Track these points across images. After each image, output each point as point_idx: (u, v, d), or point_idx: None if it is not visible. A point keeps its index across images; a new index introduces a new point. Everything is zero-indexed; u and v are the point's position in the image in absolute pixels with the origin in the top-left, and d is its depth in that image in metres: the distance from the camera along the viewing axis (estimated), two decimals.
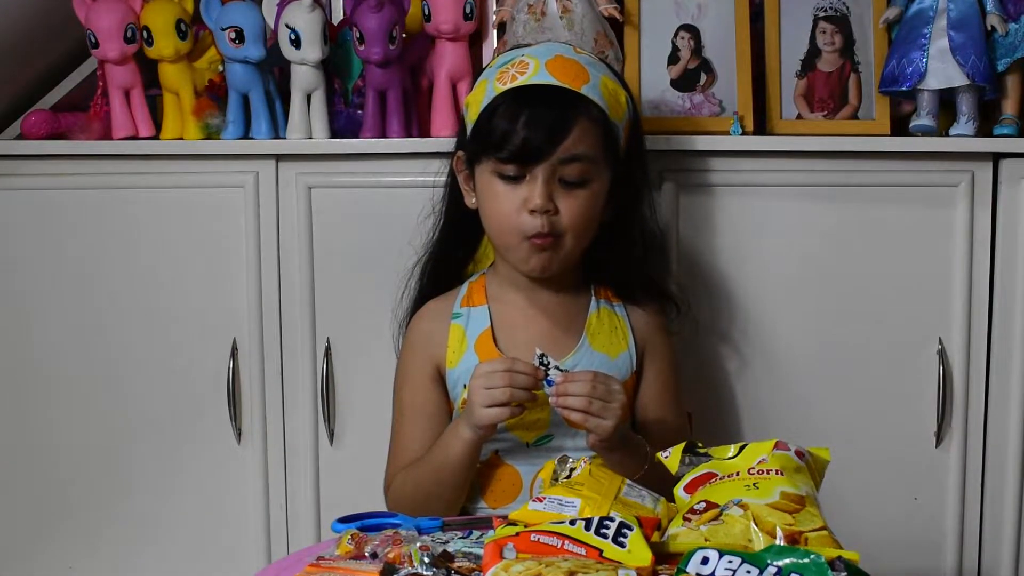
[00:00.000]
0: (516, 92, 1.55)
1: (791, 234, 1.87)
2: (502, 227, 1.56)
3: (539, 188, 1.52)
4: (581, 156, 1.53)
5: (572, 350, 1.61)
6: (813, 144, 1.85)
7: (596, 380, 1.48)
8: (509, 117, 1.53)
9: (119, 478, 2.00)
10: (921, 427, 1.89)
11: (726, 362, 1.90)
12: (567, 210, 1.54)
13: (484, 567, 1.12)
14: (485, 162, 1.56)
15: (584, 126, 1.54)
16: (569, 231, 1.55)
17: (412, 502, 1.57)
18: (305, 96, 1.90)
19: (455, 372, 1.62)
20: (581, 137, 1.53)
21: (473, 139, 1.59)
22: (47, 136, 1.98)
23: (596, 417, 1.46)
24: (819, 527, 1.15)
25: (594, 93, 1.56)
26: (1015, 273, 1.85)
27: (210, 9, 1.88)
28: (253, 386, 1.95)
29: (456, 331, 1.64)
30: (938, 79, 1.82)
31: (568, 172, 1.53)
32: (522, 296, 1.64)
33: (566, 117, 1.53)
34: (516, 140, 1.52)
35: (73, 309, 1.98)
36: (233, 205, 1.92)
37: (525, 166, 1.53)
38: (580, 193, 1.55)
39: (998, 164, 1.84)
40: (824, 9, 1.93)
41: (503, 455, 1.62)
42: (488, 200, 1.57)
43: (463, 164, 1.63)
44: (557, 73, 1.55)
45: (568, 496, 1.27)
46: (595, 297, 1.66)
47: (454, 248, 1.72)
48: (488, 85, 1.58)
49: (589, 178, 1.55)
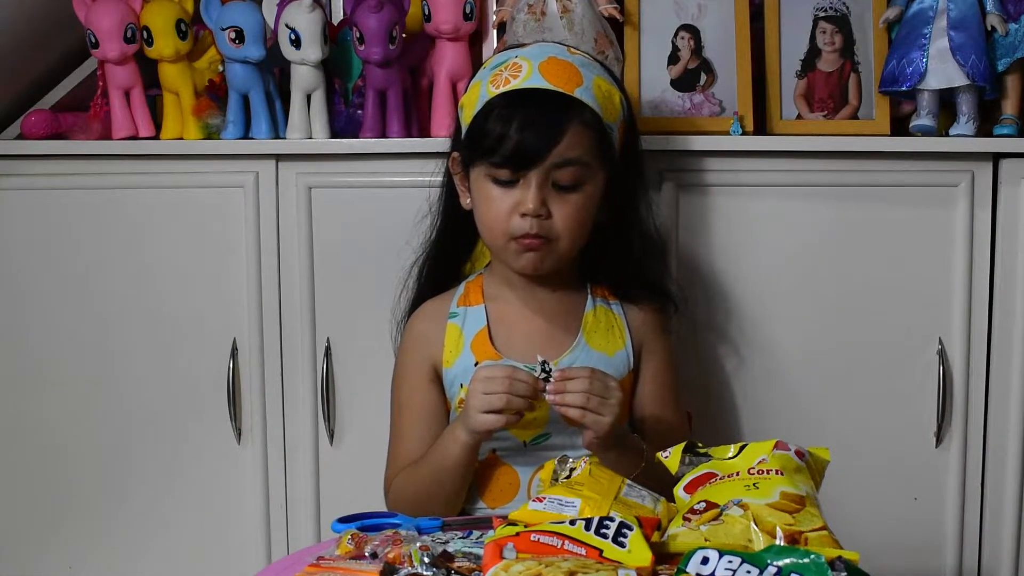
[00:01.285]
0: (509, 96, 1.55)
1: (791, 234, 1.87)
2: (493, 229, 1.57)
3: (532, 193, 1.52)
4: (574, 161, 1.54)
5: (569, 348, 1.61)
6: (813, 144, 1.85)
7: (594, 376, 1.48)
8: (502, 122, 1.53)
9: (119, 478, 2.00)
10: (921, 427, 1.89)
11: (726, 362, 1.90)
12: (560, 214, 1.54)
13: (484, 567, 1.12)
14: (479, 165, 1.56)
15: (577, 130, 1.54)
16: (562, 235, 1.55)
17: (412, 503, 1.58)
18: (305, 96, 1.90)
19: (452, 371, 1.62)
20: (574, 142, 1.53)
21: (467, 142, 1.59)
22: (47, 136, 1.98)
23: (594, 413, 1.47)
24: (819, 527, 1.15)
25: (587, 96, 1.56)
26: (1015, 273, 1.85)
27: (210, 9, 1.88)
28: (253, 386, 1.95)
29: (453, 330, 1.64)
30: (938, 79, 1.82)
31: (561, 176, 1.54)
32: (518, 295, 1.64)
33: (559, 122, 1.53)
34: (509, 145, 1.52)
35: (73, 309, 1.98)
36: (233, 205, 1.92)
37: (518, 171, 1.53)
38: (573, 197, 1.55)
39: (998, 164, 1.84)
40: (824, 9, 1.93)
41: (500, 454, 1.62)
42: (481, 203, 1.58)
43: (458, 165, 1.63)
44: (550, 76, 1.55)
45: (568, 496, 1.27)
46: (592, 295, 1.66)
47: (451, 248, 1.72)
48: (482, 87, 1.58)
49: (582, 182, 1.55)
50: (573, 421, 1.49)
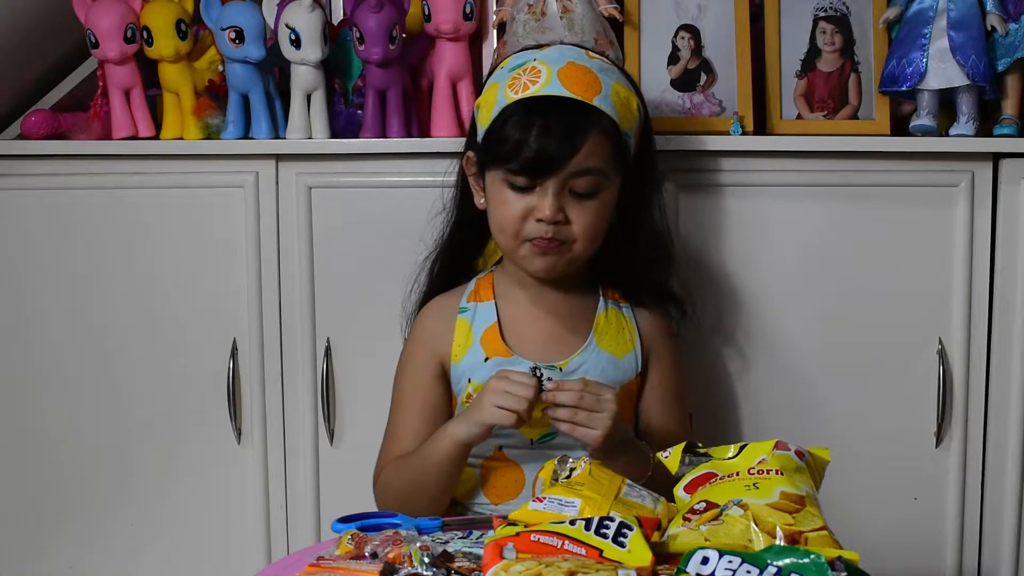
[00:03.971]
0: (528, 103, 1.54)
1: (791, 234, 1.87)
2: (506, 231, 1.57)
3: (549, 200, 1.52)
4: (592, 170, 1.54)
5: (579, 349, 1.61)
6: (813, 144, 1.85)
7: (585, 390, 1.48)
8: (521, 129, 1.53)
9: (119, 478, 2.00)
10: (921, 427, 1.89)
11: (726, 362, 1.90)
12: (578, 220, 1.55)
13: (484, 567, 1.12)
14: (495, 169, 1.57)
15: (596, 139, 1.53)
16: (579, 239, 1.56)
17: (397, 493, 1.59)
18: (305, 96, 1.90)
19: (460, 366, 1.62)
20: (592, 151, 1.53)
21: (484, 146, 1.59)
22: (47, 136, 1.98)
23: (583, 427, 1.47)
24: (819, 527, 1.15)
25: (606, 104, 1.55)
26: (1015, 273, 1.85)
27: (210, 9, 1.88)
28: (253, 386, 1.95)
29: (462, 325, 1.64)
30: (938, 79, 1.82)
31: (579, 185, 1.54)
32: (529, 294, 1.65)
33: (578, 131, 1.52)
34: (528, 153, 1.52)
35: (73, 309, 1.98)
36: (233, 205, 1.92)
37: (536, 179, 1.53)
38: (590, 204, 1.55)
39: (998, 164, 1.84)
40: (824, 9, 1.93)
41: (507, 451, 1.62)
42: (496, 205, 1.58)
43: (473, 165, 1.63)
44: (569, 83, 1.54)
45: (568, 496, 1.27)
46: (603, 297, 1.66)
47: (463, 246, 1.72)
48: (499, 91, 1.57)
49: (599, 190, 1.56)
50: (566, 432, 1.50)
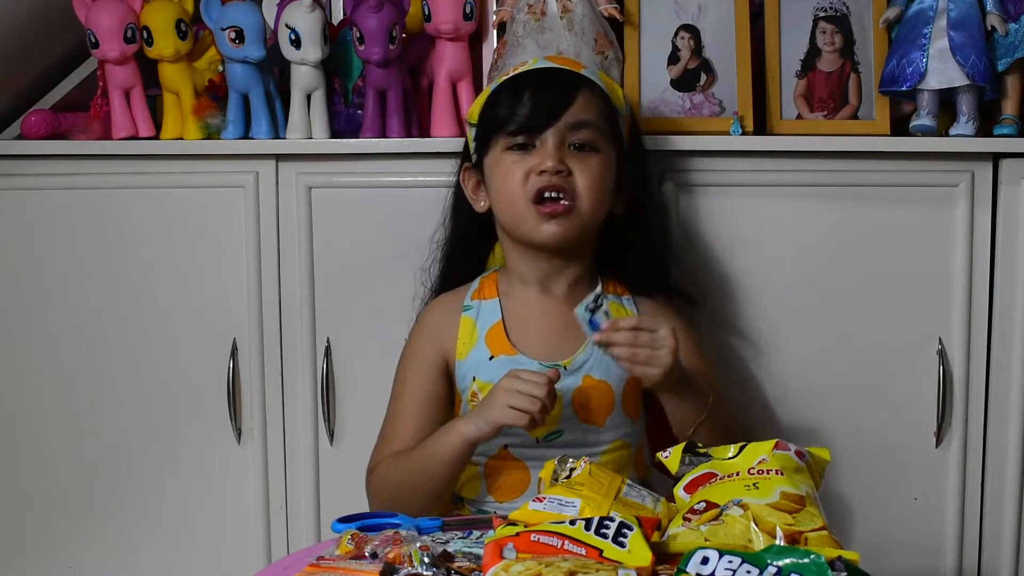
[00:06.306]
0: (518, 77, 1.62)
1: (791, 234, 1.87)
2: (515, 199, 1.59)
3: (550, 151, 1.57)
4: (588, 123, 1.59)
5: (582, 346, 1.62)
6: (813, 144, 1.85)
7: (640, 327, 1.47)
8: (514, 94, 1.60)
9: (119, 478, 2.00)
10: (921, 427, 1.89)
11: (725, 361, 1.89)
12: (581, 173, 1.58)
13: (484, 567, 1.12)
14: (494, 146, 1.60)
15: (587, 96, 1.61)
16: (583, 195, 1.58)
17: (394, 488, 1.58)
18: (305, 96, 1.90)
19: (465, 363, 1.63)
20: (586, 105, 1.60)
21: (481, 131, 1.63)
22: (47, 136, 1.98)
23: (642, 365, 1.47)
24: (819, 527, 1.15)
25: (593, 76, 1.64)
26: (1015, 273, 1.85)
27: (210, 9, 1.88)
28: (253, 386, 1.95)
29: (467, 323, 1.65)
30: (938, 79, 1.82)
31: (577, 137, 1.59)
32: (533, 292, 1.66)
33: (569, 89, 1.60)
34: (523, 111, 1.58)
35: (72, 309, 1.98)
36: (233, 205, 1.92)
37: (534, 133, 1.58)
38: (592, 158, 1.60)
39: (998, 164, 1.84)
40: (824, 9, 1.93)
41: (512, 450, 1.62)
42: (499, 180, 1.61)
43: (470, 174, 1.67)
44: (556, 61, 1.65)
45: (568, 496, 1.27)
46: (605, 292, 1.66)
47: (465, 252, 1.74)
48: (489, 88, 1.65)
49: (598, 146, 1.60)
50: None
